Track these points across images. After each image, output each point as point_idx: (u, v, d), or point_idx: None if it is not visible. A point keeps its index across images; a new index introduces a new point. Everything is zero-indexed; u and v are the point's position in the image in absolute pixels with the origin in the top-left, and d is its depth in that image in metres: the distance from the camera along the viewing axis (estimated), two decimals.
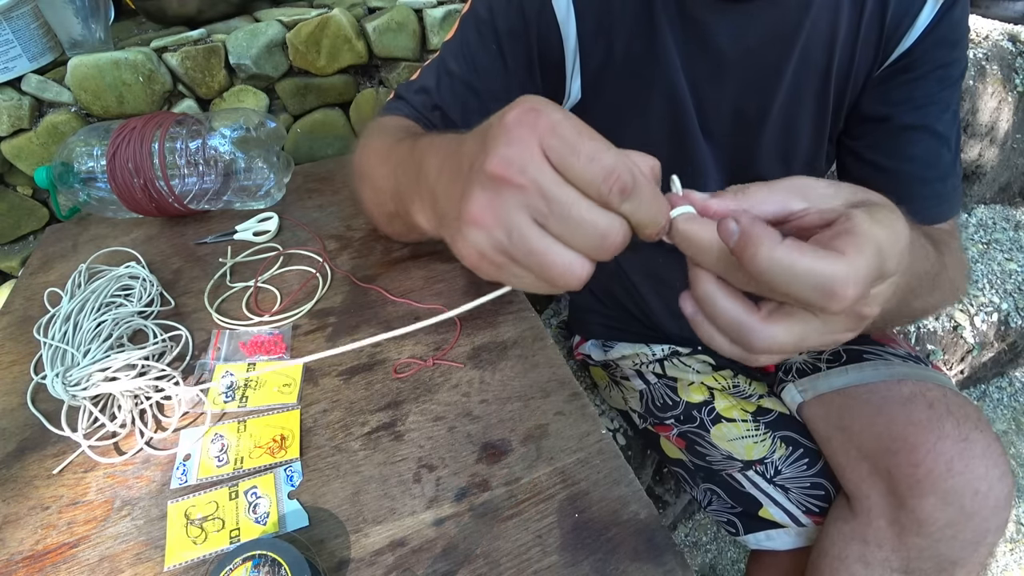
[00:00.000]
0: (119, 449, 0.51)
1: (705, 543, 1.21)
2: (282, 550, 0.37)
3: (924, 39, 0.53)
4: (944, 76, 0.55)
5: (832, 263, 0.23)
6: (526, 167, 0.25)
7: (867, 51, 0.54)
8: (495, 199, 0.26)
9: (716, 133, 0.59)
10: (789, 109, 0.57)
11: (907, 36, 0.53)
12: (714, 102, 0.56)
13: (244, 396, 0.54)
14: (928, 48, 0.54)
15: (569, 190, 0.25)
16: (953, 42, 0.54)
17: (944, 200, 0.58)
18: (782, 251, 0.23)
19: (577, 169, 0.25)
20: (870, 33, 0.53)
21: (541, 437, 0.50)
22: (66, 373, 0.53)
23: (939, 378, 0.58)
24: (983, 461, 0.50)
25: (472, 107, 0.57)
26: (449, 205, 0.30)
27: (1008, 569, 1.19)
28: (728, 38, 0.53)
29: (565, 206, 0.25)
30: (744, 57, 0.54)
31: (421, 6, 0.97)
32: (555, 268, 0.26)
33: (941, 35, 0.53)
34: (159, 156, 0.71)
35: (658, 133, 0.59)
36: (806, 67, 0.54)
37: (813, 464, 0.65)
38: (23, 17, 0.78)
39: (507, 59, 0.55)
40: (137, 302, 0.63)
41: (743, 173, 0.61)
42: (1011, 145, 1.56)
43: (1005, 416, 1.50)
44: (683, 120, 0.57)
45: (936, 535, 0.51)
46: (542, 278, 0.27)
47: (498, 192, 0.26)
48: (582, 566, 0.42)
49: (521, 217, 0.26)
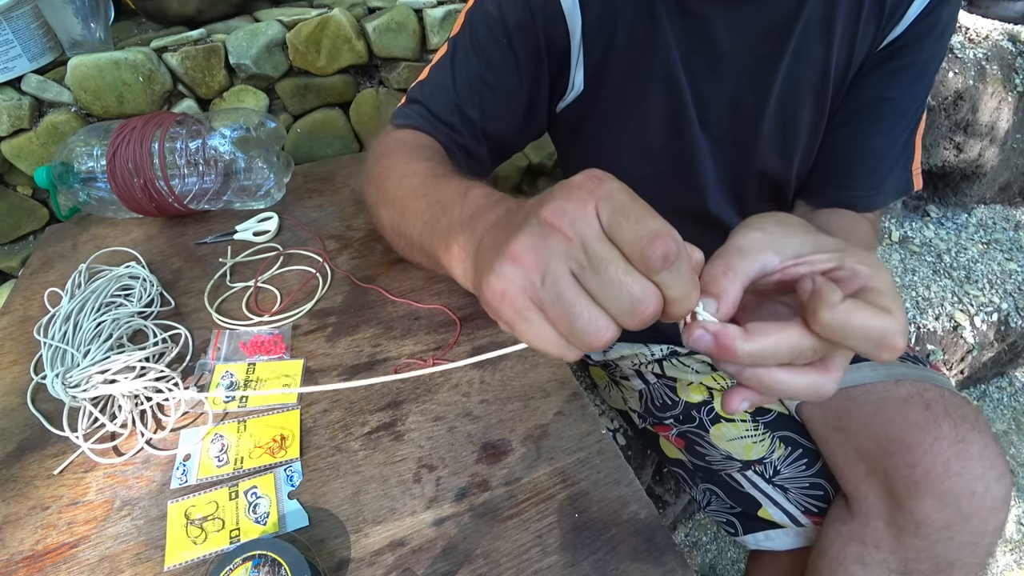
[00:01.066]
0: (119, 450, 0.51)
1: (705, 543, 1.21)
2: (282, 550, 0.37)
3: (913, 27, 0.53)
4: (921, 69, 0.56)
5: (885, 320, 0.26)
6: (576, 221, 0.26)
7: (866, 39, 0.55)
8: (540, 243, 0.27)
9: (714, 127, 0.59)
10: (786, 102, 0.57)
11: (901, 22, 0.53)
12: (712, 96, 0.57)
13: (244, 396, 0.54)
14: (915, 37, 0.54)
15: (612, 249, 0.26)
16: (939, 33, 0.54)
17: (882, 192, 0.61)
18: (843, 310, 0.26)
19: (624, 228, 0.26)
20: (870, 22, 0.53)
21: (541, 437, 0.50)
22: (66, 374, 0.53)
23: (937, 378, 0.58)
24: (980, 462, 0.50)
25: (489, 103, 0.57)
26: (490, 253, 0.30)
27: (1008, 569, 1.19)
28: (726, 33, 0.53)
29: (604, 262, 0.26)
30: (741, 51, 0.54)
31: (421, 6, 0.97)
32: (580, 320, 0.26)
33: (930, 24, 0.53)
34: (159, 156, 0.71)
35: (657, 126, 0.59)
36: (802, 60, 0.54)
37: (812, 464, 0.65)
38: (23, 17, 0.78)
39: (517, 53, 0.55)
40: (137, 302, 0.63)
41: (742, 167, 0.62)
42: (1011, 145, 1.56)
43: (1005, 416, 1.50)
44: (682, 113, 0.57)
45: (933, 536, 0.51)
46: (564, 330, 0.27)
47: (544, 238, 0.27)
48: (582, 566, 0.42)
49: (559, 266, 0.26)
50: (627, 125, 0.60)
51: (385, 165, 0.55)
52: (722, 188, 0.64)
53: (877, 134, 0.59)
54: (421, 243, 0.45)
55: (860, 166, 0.60)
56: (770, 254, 0.29)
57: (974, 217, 1.67)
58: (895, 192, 0.63)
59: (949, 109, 1.43)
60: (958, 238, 1.60)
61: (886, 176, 0.61)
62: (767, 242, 0.29)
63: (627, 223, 0.26)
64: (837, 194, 0.62)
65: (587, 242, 0.26)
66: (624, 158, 0.63)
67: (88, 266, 0.69)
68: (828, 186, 0.63)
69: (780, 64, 0.54)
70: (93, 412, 0.51)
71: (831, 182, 0.62)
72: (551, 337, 0.27)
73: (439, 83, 0.58)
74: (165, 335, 0.59)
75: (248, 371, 0.56)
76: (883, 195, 0.62)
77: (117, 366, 0.53)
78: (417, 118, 0.58)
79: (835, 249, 0.29)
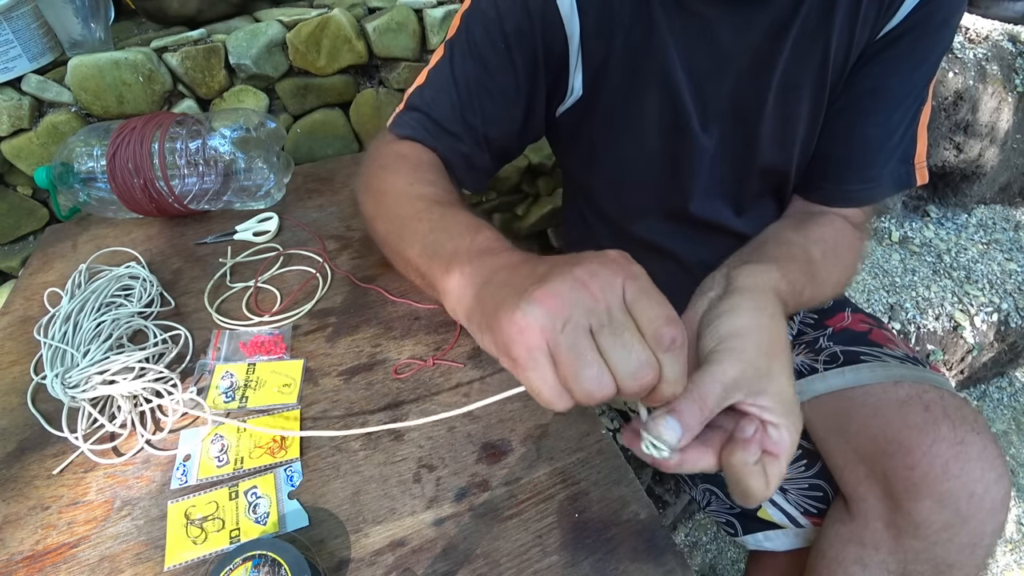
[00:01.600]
0: (119, 450, 0.51)
1: (705, 543, 1.21)
2: (282, 550, 0.37)
3: (912, 15, 0.52)
4: (920, 58, 0.54)
5: (763, 492, 0.34)
6: (605, 288, 0.30)
7: (865, 29, 0.54)
8: (569, 294, 0.29)
9: (714, 126, 0.58)
10: (785, 98, 0.56)
11: (900, 10, 0.52)
12: (712, 95, 0.56)
13: (244, 396, 0.54)
14: (912, 25, 0.53)
15: (631, 320, 0.30)
16: (940, 21, 0.53)
17: (880, 185, 0.60)
18: (751, 471, 0.33)
19: (645, 306, 0.30)
20: (869, 11, 0.52)
21: (541, 437, 0.50)
22: (65, 374, 0.53)
23: (937, 379, 0.58)
24: (979, 464, 0.50)
25: (490, 109, 0.57)
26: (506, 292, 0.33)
27: (1008, 569, 1.19)
28: (727, 33, 0.52)
29: (623, 327, 0.29)
30: (742, 50, 0.53)
31: (421, 6, 0.97)
32: (587, 370, 0.29)
33: (929, 12, 0.52)
34: (159, 156, 0.71)
35: (655, 127, 0.58)
36: (801, 54, 0.54)
37: (812, 466, 0.64)
38: (23, 17, 0.78)
39: (515, 59, 0.55)
40: (137, 302, 0.63)
41: (742, 164, 0.61)
42: (1011, 145, 1.56)
43: (1005, 416, 1.50)
44: (681, 115, 0.57)
45: (932, 538, 0.50)
46: (567, 376, 0.29)
47: (574, 291, 0.30)
48: (582, 566, 0.42)
49: (582, 319, 0.29)
50: (626, 129, 0.60)
51: (385, 179, 0.55)
52: (718, 188, 0.64)
53: (873, 125, 0.57)
54: (418, 263, 0.45)
55: (856, 158, 0.59)
56: (741, 395, 0.33)
57: (974, 217, 1.67)
58: (894, 185, 0.61)
59: (949, 109, 1.43)
60: (958, 238, 1.61)
61: (882, 167, 0.60)
62: (745, 384, 0.33)
63: (648, 303, 0.30)
64: (834, 188, 0.61)
65: (611, 306, 0.29)
66: (623, 161, 0.63)
67: (88, 266, 0.69)
68: (826, 180, 0.62)
69: (779, 60, 0.54)
70: (92, 413, 0.51)
71: (829, 176, 0.61)
72: (551, 383, 0.30)
73: (440, 88, 0.57)
74: (165, 335, 0.59)
75: (248, 371, 0.56)
76: (880, 188, 0.60)
77: (116, 367, 0.53)
78: (419, 128, 0.57)
79: (787, 413, 0.34)
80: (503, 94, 0.57)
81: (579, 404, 0.30)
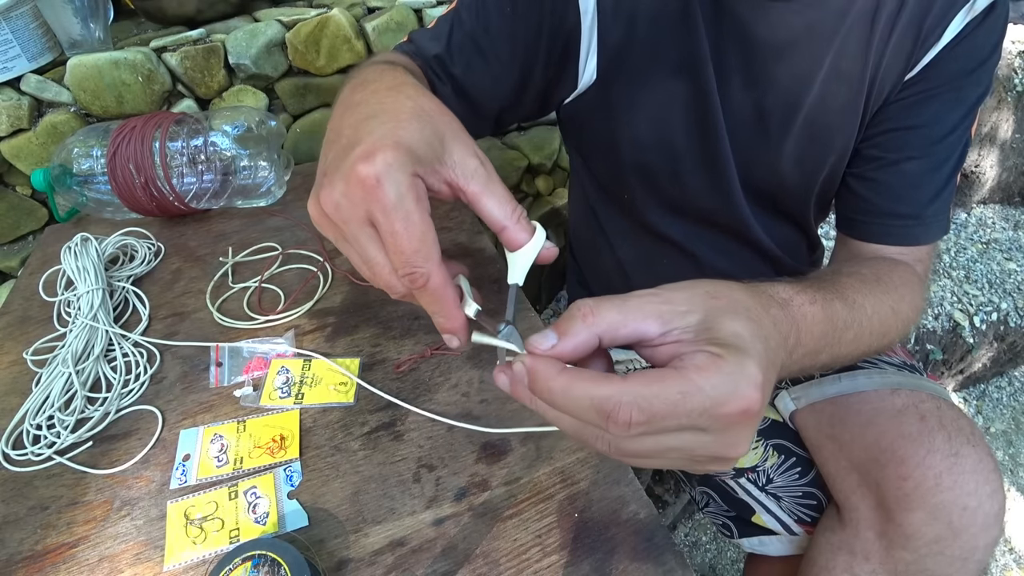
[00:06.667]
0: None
1: (705, 543, 1.21)
2: (282, 550, 0.37)
3: (947, 53, 0.51)
4: (956, 99, 0.53)
5: (605, 387, 0.25)
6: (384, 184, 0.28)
7: (898, 60, 0.52)
8: (358, 186, 0.29)
9: (738, 132, 0.56)
10: (817, 119, 0.55)
11: (933, 48, 0.51)
12: (739, 100, 0.54)
13: (300, 393, 0.54)
14: (948, 63, 0.51)
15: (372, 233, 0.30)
16: (978, 61, 0.51)
17: (924, 224, 0.57)
18: (562, 380, 0.26)
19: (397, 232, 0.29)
20: (904, 40, 0.51)
21: (541, 437, 0.50)
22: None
23: (934, 388, 0.57)
24: (973, 477, 0.49)
25: (476, 67, 0.55)
26: (327, 152, 0.34)
27: (1008, 569, 1.19)
28: (763, 35, 0.51)
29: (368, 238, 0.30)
30: (776, 58, 0.52)
31: (420, 6, 0.97)
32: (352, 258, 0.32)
33: (965, 51, 0.51)
34: (160, 155, 0.71)
35: (678, 123, 0.57)
36: (838, 76, 0.52)
37: (805, 473, 0.64)
38: (22, 17, 0.78)
39: (517, 26, 0.53)
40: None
41: (763, 179, 0.60)
42: (1011, 145, 1.56)
43: (1005, 416, 1.50)
44: (709, 115, 0.55)
45: (923, 550, 0.50)
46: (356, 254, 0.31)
47: (361, 186, 0.29)
48: (582, 566, 0.42)
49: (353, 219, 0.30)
50: (642, 116, 0.57)
51: (353, 73, 0.52)
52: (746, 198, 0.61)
53: (908, 159, 0.55)
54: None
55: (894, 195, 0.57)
56: (652, 321, 0.28)
57: (974, 217, 1.67)
58: (939, 229, 0.57)
59: None
60: (958, 238, 1.61)
61: (926, 207, 0.56)
62: (653, 311, 0.28)
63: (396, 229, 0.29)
64: (876, 225, 0.58)
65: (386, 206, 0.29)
66: (640, 147, 0.60)
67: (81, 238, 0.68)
68: (869, 215, 0.59)
69: (815, 78, 0.52)
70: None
71: (871, 211, 0.58)
72: (355, 260, 0.32)
73: (437, 36, 0.56)
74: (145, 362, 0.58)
75: (304, 367, 0.56)
76: (925, 227, 0.56)
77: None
78: (409, 49, 0.56)
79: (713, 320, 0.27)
80: (496, 57, 0.55)
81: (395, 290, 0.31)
